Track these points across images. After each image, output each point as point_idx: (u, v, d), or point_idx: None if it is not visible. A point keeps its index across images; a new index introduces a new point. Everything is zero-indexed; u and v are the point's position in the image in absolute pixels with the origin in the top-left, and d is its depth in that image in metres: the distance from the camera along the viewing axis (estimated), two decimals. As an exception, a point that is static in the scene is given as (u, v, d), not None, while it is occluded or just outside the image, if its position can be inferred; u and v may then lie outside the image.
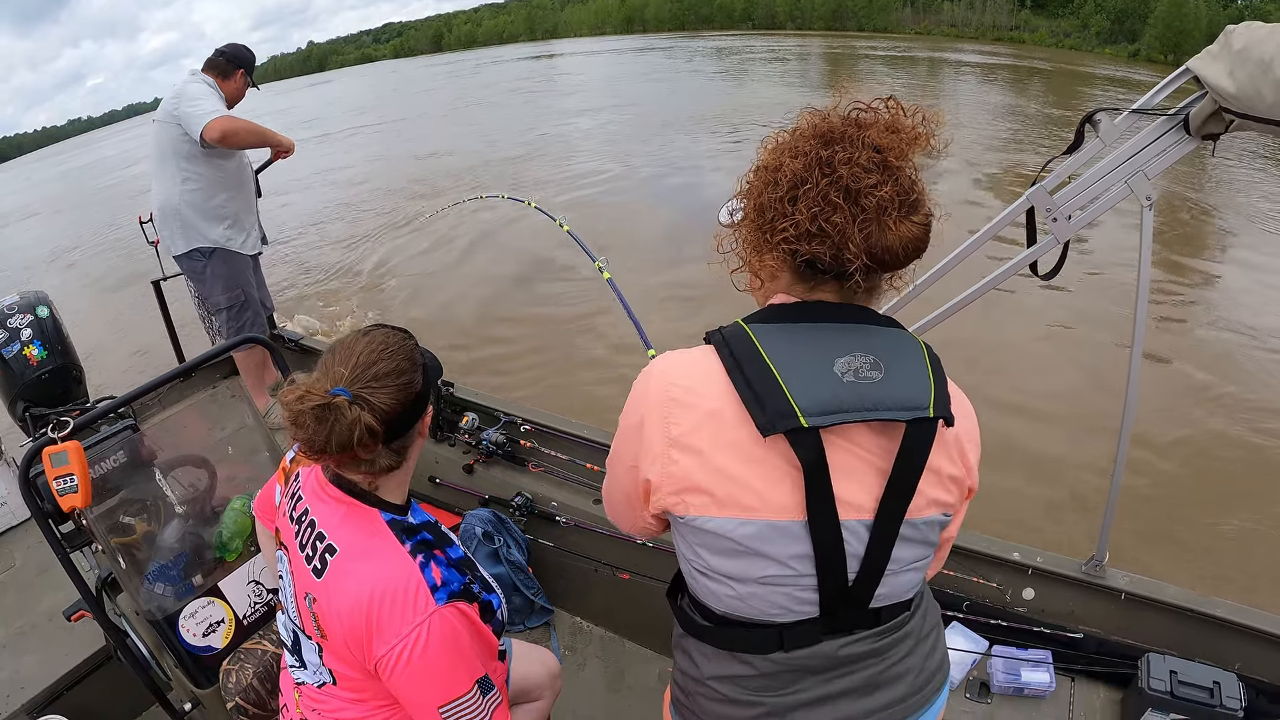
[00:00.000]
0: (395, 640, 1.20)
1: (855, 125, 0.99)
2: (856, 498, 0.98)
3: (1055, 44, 41.94)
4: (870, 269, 0.97)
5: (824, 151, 0.96)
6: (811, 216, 0.95)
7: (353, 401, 1.18)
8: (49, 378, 2.40)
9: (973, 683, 2.03)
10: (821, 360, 0.98)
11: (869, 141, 0.96)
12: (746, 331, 1.02)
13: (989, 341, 6.14)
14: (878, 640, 1.06)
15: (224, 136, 3.16)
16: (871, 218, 0.94)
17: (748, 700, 1.07)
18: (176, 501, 2.02)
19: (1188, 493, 4.47)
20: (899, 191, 0.95)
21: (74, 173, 29.66)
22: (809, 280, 1.04)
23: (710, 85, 27.48)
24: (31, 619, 2.52)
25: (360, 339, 1.27)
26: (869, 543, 0.99)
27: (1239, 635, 1.92)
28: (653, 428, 1.03)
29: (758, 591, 1.02)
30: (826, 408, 0.94)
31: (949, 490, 1.05)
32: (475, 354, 6.82)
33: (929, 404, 0.97)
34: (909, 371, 0.99)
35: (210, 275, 3.49)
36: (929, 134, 1.01)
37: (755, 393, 0.96)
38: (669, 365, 1.06)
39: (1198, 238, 8.85)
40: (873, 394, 0.96)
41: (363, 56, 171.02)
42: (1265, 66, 1.38)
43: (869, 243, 0.95)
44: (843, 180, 0.94)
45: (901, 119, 1.00)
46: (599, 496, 2.68)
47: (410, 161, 17.01)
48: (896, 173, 0.96)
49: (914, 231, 0.97)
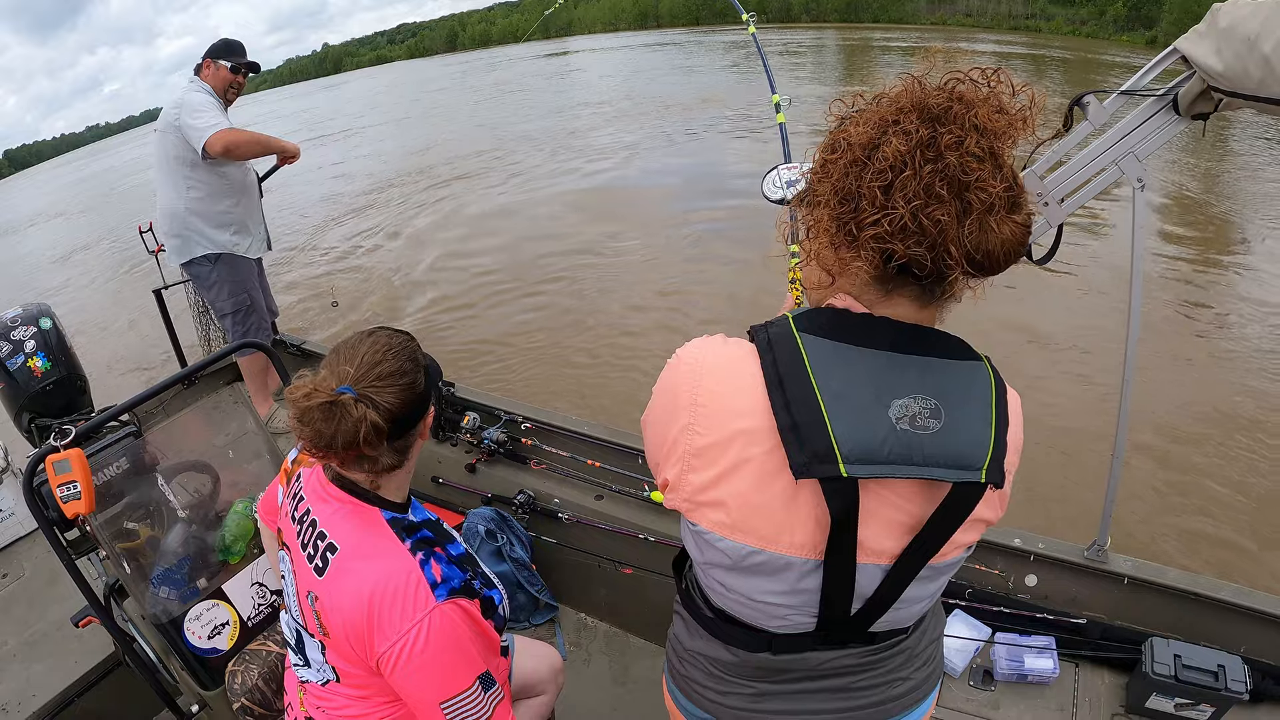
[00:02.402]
0: (396, 637, 1.22)
1: (960, 101, 0.83)
2: (880, 544, 0.91)
3: (1072, 32, 41.50)
4: (967, 275, 0.85)
5: (926, 131, 0.81)
6: (912, 211, 0.80)
7: (358, 399, 1.19)
8: (53, 389, 2.44)
9: (976, 670, 2.02)
10: (877, 399, 0.85)
11: (977, 123, 0.81)
12: (796, 340, 0.89)
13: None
14: (866, 656, 1.04)
15: (226, 150, 3.18)
16: (977, 216, 0.80)
17: (725, 678, 1.10)
18: (179, 506, 2.05)
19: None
20: (1006, 186, 0.81)
21: (93, 178, 30.01)
22: (889, 284, 0.89)
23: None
24: (41, 628, 2.55)
25: (365, 340, 1.28)
26: (881, 584, 0.94)
27: (1244, 618, 1.90)
28: (676, 429, 0.95)
29: (759, 607, 1.00)
30: (872, 457, 0.84)
31: (979, 530, 0.98)
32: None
33: (984, 464, 0.86)
34: (970, 421, 0.87)
35: (216, 281, 3.52)
36: (1034, 118, 0.86)
37: (795, 422, 0.85)
38: (701, 360, 0.96)
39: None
40: (925, 447, 0.85)
41: (377, 58, 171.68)
42: (1251, 44, 1.36)
43: (970, 245, 0.81)
44: (951, 169, 0.79)
45: (1006, 98, 0.85)
46: (601, 493, 2.70)
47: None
48: (1002, 164, 0.82)
49: (1017, 233, 0.83)
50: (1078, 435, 4.59)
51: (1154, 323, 6.13)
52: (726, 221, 9.18)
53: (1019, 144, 0.85)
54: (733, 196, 10.12)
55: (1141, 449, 4.51)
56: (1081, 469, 4.26)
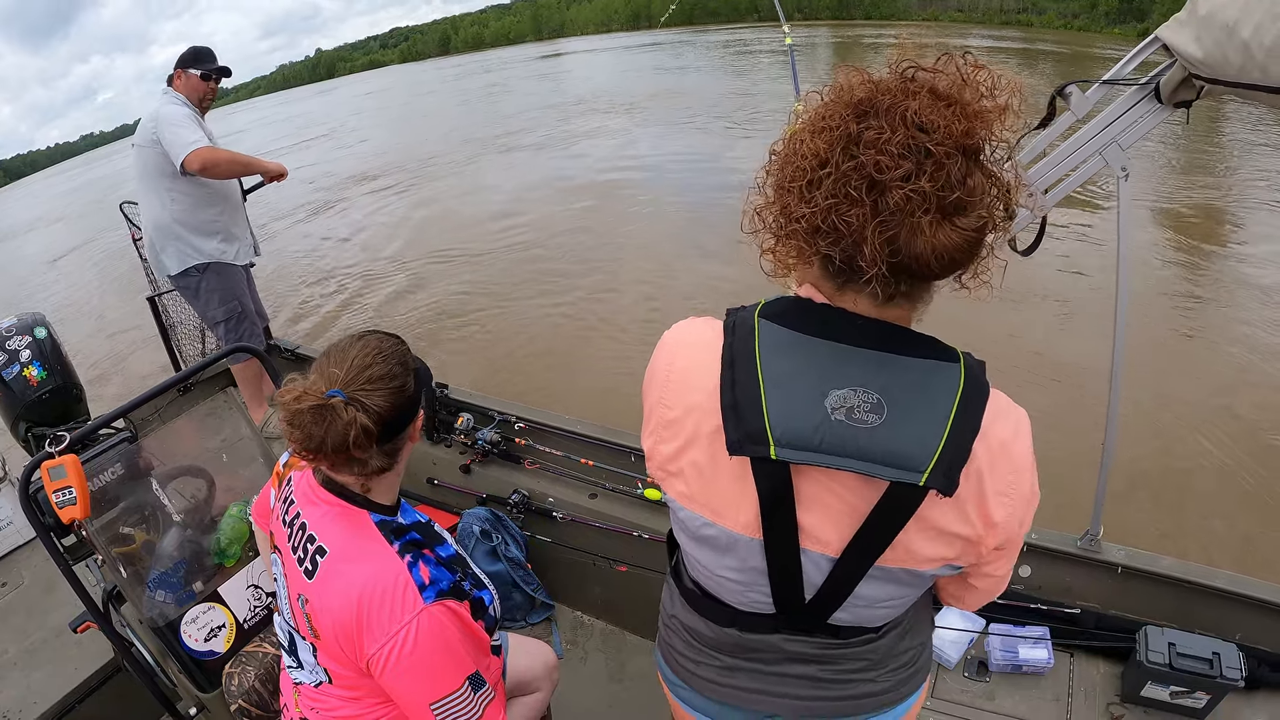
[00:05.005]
0: (384, 639, 1.22)
1: (901, 93, 0.77)
2: (823, 533, 0.91)
3: (1064, 26, 41.31)
4: (894, 278, 0.80)
5: (854, 126, 0.77)
6: (826, 209, 0.78)
7: (348, 402, 1.20)
8: (49, 397, 2.45)
9: (970, 661, 2.03)
10: (816, 387, 0.85)
11: (911, 117, 0.75)
12: (754, 326, 0.90)
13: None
14: (830, 649, 1.04)
15: (204, 168, 3.20)
16: (897, 218, 0.75)
17: (703, 651, 1.14)
18: (175, 511, 2.05)
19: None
20: (937, 188, 0.73)
21: (86, 186, 30.18)
22: (837, 278, 0.87)
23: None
24: (41, 635, 2.56)
25: (354, 343, 1.29)
26: (828, 578, 0.94)
27: (1238, 605, 1.91)
28: (652, 404, 1.01)
29: (719, 580, 1.04)
30: (803, 443, 0.84)
31: (951, 547, 0.92)
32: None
33: (926, 467, 0.82)
34: (919, 421, 0.83)
35: (205, 290, 3.52)
36: (1000, 109, 0.78)
37: (736, 401, 0.87)
38: (677, 339, 1.00)
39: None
40: (859, 441, 0.82)
41: (370, 62, 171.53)
42: (1230, 30, 1.36)
43: (893, 248, 0.76)
44: (866, 167, 0.75)
45: (963, 88, 0.78)
46: (595, 491, 2.71)
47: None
48: (940, 163, 0.74)
49: (953, 240, 0.76)
50: (1069, 424, 4.59)
51: (1149, 310, 6.15)
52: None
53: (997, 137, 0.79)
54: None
55: (1134, 438, 4.50)
56: (1073, 458, 4.26)
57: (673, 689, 1.24)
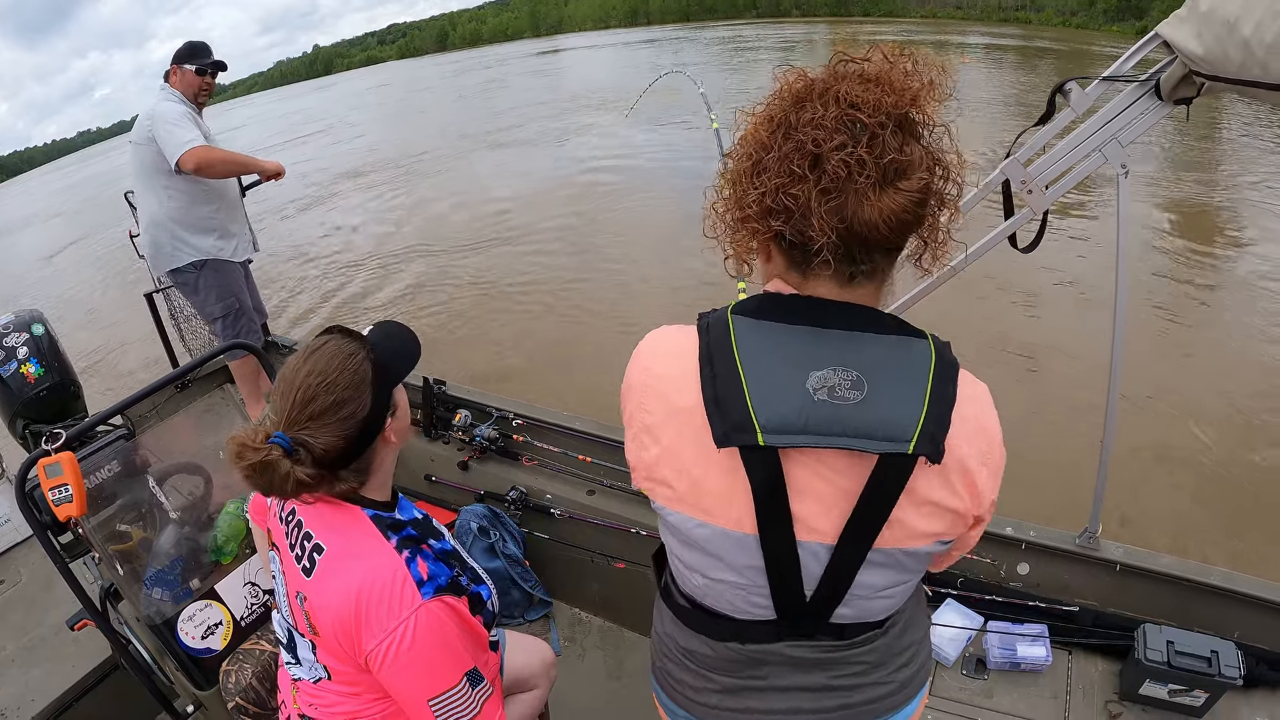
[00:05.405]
0: (382, 635, 1.22)
1: (833, 79, 0.85)
2: (817, 521, 0.91)
3: (1062, 23, 41.26)
4: (849, 249, 0.85)
5: (792, 114, 0.85)
6: (775, 188, 0.84)
7: (289, 450, 1.19)
8: (47, 394, 2.45)
9: (969, 659, 2.03)
10: (795, 371, 0.87)
11: (842, 96, 0.82)
12: (728, 322, 0.92)
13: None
14: (836, 651, 1.03)
15: (198, 168, 3.19)
16: (840, 186, 0.80)
17: (702, 674, 1.09)
18: (171, 508, 2.05)
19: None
20: (875, 155, 0.80)
21: (83, 182, 30.16)
22: (801, 266, 0.91)
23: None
24: (40, 633, 2.56)
25: (303, 364, 1.25)
26: (828, 566, 0.94)
27: (1237, 603, 1.90)
28: (631, 411, 1.01)
29: (716, 587, 1.01)
30: (789, 427, 0.85)
31: (943, 521, 0.94)
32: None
33: (912, 436, 0.85)
34: (899, 394, 0.86)
35: (203, 286, 3.52)
36: (925, 85, 0.85)
37: (718, 395, 0.88)
38: (652, 347, 1.01)
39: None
40: (845, 417, 0.85)
41: (368, 59, 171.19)
42: (1231, 27, 1.36)
43: (840, 216, 0.81)
44: (805, 144, 0.81)
45: (889, 70, 0.85)
46: (593, 488, 2.71)
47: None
48: (873, 132, 0.80)
49: (898, 203, 0.82)
50: (1068, 421, 4.60)
51: (1149, 306, 6.18)
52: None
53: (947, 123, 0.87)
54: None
55: (1132, 435, 4.50)
56: (1072, 455, 4.27)
57: (674, 719, 1.19)
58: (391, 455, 1.38)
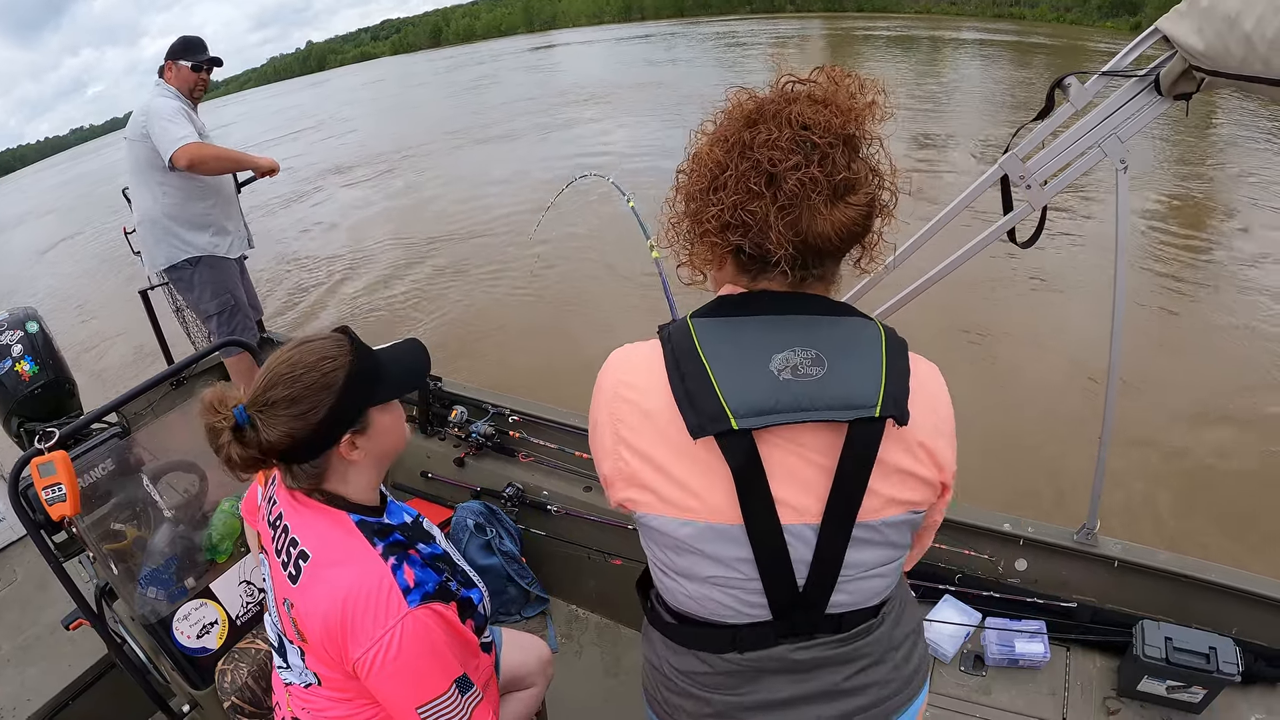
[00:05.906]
0: (369, 644, 1.20)
1: (784, 101, 0.91)
2: (799, 500, 0.93)
3: (1056, 19, 41.22)
4: (803, 258, 0.92)
5: (747, 134, 0.90)
6: (733, 205, 0.90)
7: (241, 425, 1.22)
8: (41, 392, 2.43)
9: (967, 655, 2.03)
10: (758, 357, 0.92)
11: (794, 118, 0.88)
12: (689, 327, 0.97)
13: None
14: (838, 647, 1.01)
15: (191, 165, 3.18)
16: (796, 203, 0.87)
17: (703, 696, 1.07)
18: (166, 506, 2.04)
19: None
20: (826, 173, 0.87)
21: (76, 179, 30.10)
22: (751, 270, 0.98)
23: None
24: (35, 632, 2.55)
25: (287, 352, 1.27)
26: (816, 547, 0.95)
27: (1235, 599, 1.91)
28: (604, 425, 1.02)
29: (706, 591, 1.00)
30: (759, 408, 0.89)
31: (915, 489, 0.98)
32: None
33: (876, 402, 0.90)
34: (857, 366, 0.92)
35: (198, 283, 3.51)
36: (867, 105, 0.92)
37: (689, 391, 0.92)
38: (620, 361, 1.04)
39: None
40: (811, 393, 0.90)
41: (362, 54, 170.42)
42: (1231, 22, 1.35)
43: (796, 230, 0.88)
44: (761, 164, 0.88)
45: (835, 91, 0.91)
46: (589, 484, 2.70)
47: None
48: (824, 152, 0.87)
49: (849, 215, 0.89)
50: (1066, 418, 4.61)
51: (1148, 305, 6.18)
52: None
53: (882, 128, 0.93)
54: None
55: (1130, 431, 4.51)
56: (1070, 452, 4.27)
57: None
58: (360, 470, 1.34)
